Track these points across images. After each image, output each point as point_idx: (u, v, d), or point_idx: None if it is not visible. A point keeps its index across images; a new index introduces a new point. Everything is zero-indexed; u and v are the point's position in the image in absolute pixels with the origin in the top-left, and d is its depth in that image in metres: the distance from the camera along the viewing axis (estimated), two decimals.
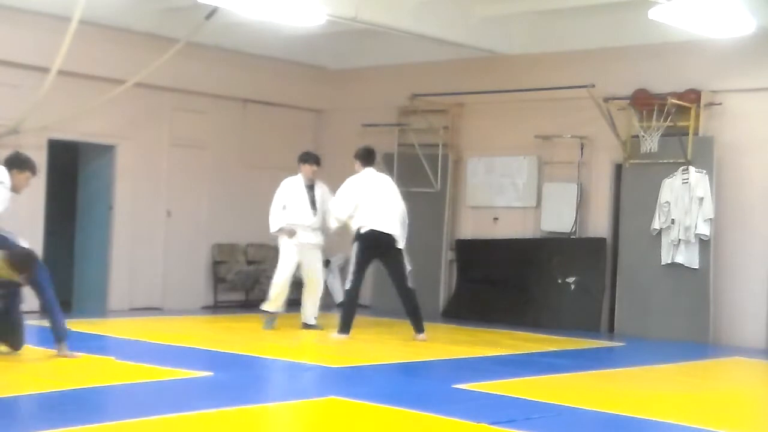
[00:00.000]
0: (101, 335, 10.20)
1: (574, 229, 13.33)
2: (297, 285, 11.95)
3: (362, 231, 10.90)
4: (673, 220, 12.29)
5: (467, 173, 14.43)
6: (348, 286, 11.03)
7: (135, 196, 13.60)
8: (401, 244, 10.99)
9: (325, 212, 11.60)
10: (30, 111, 11.85)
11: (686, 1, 10.08)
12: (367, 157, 11.38)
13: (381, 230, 10.90)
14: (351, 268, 11.04)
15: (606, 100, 12.59)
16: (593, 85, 12.45)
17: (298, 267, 11.67)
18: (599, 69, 12.90)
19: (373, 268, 14.54)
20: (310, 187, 11.75)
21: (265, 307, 11.60)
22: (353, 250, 11.04)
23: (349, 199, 11.05)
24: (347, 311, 10.97)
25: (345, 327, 10.87)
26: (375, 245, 10.95)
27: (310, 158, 11.86)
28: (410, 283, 11.03)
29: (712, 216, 12.09)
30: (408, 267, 11.06)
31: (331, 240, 12.47)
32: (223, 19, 12.24)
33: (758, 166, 12.17)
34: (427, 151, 14.36)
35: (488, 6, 12.74)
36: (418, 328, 11.01)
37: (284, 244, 11.66)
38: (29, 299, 8.77)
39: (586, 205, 13.40)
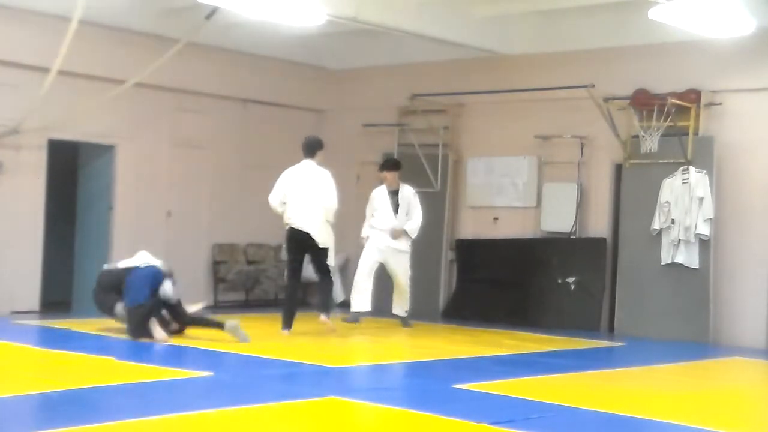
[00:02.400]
0: (101, 335, 10.20)
1: (574, 229, 13.33)
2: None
3: (286, 228, 11.01)
4: (673, 220, 12.29)
5: (467, 173, 14.43)
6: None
7: (135, 196, 13.61)
8: (323, 243, 10.90)
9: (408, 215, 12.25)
10: (30, 111, 11.87)
11: (686, 1, 10.09)
12: (305, 147, 11.19)
13: (298, 228, 10.84)
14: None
15: (606, 100, 12.59)
16: (593, 85, 12.45)
17: (383, 269, 12.27)
18: (599, 69, 12.90)
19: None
20: (395, 192, 12.27)
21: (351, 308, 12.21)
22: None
23: (277, 189, 11.04)
24: (285, 308, 11.04)
25: (285, 323, 10.91)
26: (296, 243, 10.94)
27: (386, 165, 12.46)
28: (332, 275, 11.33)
29: (712, 216, 12.09)
30: (331, 264, 11.16)
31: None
32: (223, 19, 12.24)
33: (758, 166, 12.17)
34: (427, 151, 14.35)
35: (488, 6, 12.74)
36: (323, 310, 11.12)
37: (366, 247, 12.25)
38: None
39: (586, 205, 13.41)
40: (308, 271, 15.12)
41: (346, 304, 12.61)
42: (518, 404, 7.35)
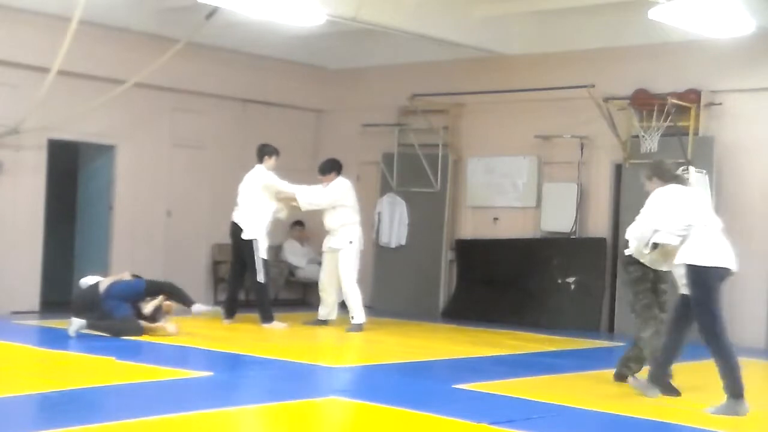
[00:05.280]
0: (101, 335, 10.19)
1: (574, 229, 13.33)
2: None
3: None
4: None
5: (467, 173, 14.43)
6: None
7: (135, 196, 13.61)
8: (246, 234, 11.65)
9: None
10: (30, 111, 11.86)
11: (686, 1, 10.08)
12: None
13: (232, 220, 11.89)
14: None
15: (606, 100, 12.59)
16: (593, 85, 12.45)
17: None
18: (599, 69, 12.90)
19: (372, 268, 14.60)
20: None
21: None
22: None
23: None
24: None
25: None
26: (231, 236, 11.93)
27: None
28: (261, 277, 11.63)
29: None
30: (261, 257, 11.60)
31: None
32: (223, 19, 12.23)
33: (758, 166, 12.17)
34: (427, 151, 14.36)
35: (488, 6, 12.74)
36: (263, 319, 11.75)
37: None
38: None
39: (586, 205, 13.40)
40: (308, 270, 15.16)
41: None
42: (518, 404, 7.35)
